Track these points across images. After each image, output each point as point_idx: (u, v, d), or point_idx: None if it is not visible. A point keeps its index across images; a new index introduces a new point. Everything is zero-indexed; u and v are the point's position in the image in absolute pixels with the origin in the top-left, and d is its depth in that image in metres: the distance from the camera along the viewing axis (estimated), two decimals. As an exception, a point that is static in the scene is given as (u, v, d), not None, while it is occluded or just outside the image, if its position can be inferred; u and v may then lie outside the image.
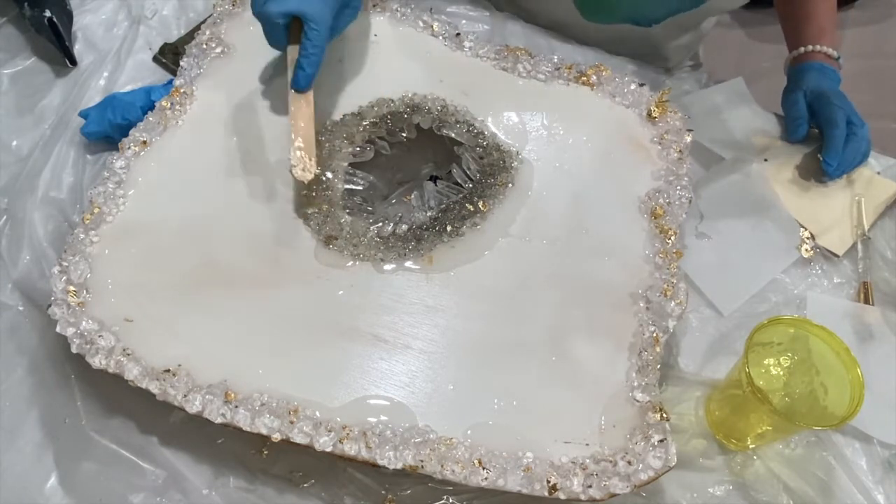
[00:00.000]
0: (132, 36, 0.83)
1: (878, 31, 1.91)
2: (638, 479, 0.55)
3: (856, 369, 0.58)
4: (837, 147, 0.80)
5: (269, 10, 0.63)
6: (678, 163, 0.71)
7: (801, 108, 0.83)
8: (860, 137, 0.81)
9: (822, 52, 0.86)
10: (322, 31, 0.64)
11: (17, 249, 0.68)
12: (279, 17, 0.63)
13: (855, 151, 0.81)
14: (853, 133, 0.81)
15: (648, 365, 0.60)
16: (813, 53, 0.86)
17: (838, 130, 0.80)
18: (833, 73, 0.85)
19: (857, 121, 0.82)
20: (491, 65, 0.76)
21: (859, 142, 0.81)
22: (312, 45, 0.64)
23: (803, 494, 0.63)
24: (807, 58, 0.86)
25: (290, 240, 0.64)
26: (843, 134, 0.80)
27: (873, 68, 1.80)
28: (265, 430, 0.54)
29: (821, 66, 0.85)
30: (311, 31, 0.64)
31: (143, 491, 0.59)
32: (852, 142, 0.80)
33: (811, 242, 0.77)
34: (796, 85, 0.85)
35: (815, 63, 0.86)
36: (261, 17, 0.64)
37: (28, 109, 0.77)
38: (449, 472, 0.54)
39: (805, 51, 0.86)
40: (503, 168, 0.69)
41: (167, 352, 0.57)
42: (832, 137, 0.80)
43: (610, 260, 0.66)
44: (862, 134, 0.81)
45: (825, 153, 0.80)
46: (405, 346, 0.60)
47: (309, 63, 0.64)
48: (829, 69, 0.85)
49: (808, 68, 0.85)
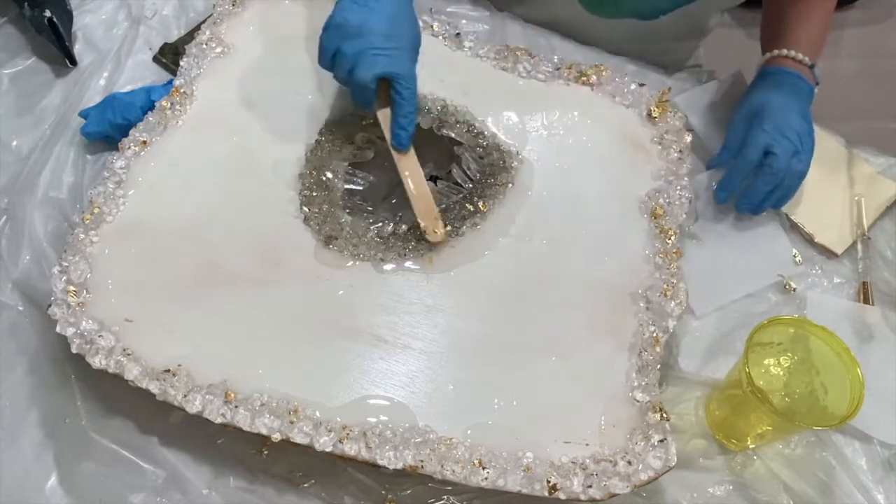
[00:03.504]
0: (132, 36, 0.83)
1: (878, 31, 1.91)
2: (638, 479, 0.55)
3: (856, 369, 0.58)
4: (732, 178, 0.72)
5: (360, 75, 0.61)
6: (678, 163, 0.71)
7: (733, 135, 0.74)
8: (774, 171, 0.70)
9: (790, 58, 0.75)
10: (413, 89, 0.64)
11: (17, 249, 0.68)
12: (372, 82, 0.62)
13: (762, 187, 0.71)
14: (767, 165, 0.70)
15: (648, 365, 0.60)
16: (779, 59, 0.76)
17: (742, 160, 0.71)
18: (795, 81, 0.74)
19: (785, 150, 0.70)
20: (491, 65, 0.76)
21: (771, 177, 0.70)
22: (408, 103, 0.63)
23: (803, 494, 0.63)
24: (772, 63, 0.77)
25: (290, 240, 0.64)
26: (749, 164, 0.71)
27: (873, 68, 1.80)
28: (265, 430, 0.54)
29: (780, 72, 0.75)
30: (403, 89, 0.63)
31: (143, 491, 0.59)
32: (761, 175, 0.71)
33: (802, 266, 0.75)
34: (744, 99, 0.76)
35: (774, 69, 0.76)
36: (351, 83, 0.63)
37: (28, 109, 0.77)
38: (449, 472, 0.54)
39: (770, 56, 0.77)
40: (503, 168, 0.69)
41: (167, 352, 0.57)
42: (732, 165, 0.72)
43: (610, 260, 0.66)
44: (782, 167, 0.70)
45: (719, 182, 0.74)
46: (405, 346, 0.60)
47: (408, 122, 0.64)
48: (791, 76, 0.74)
49: (764, 74, 0.76)
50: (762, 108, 0.73)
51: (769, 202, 0.73)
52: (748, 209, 0.73)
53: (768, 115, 0.72)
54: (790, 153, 0.71)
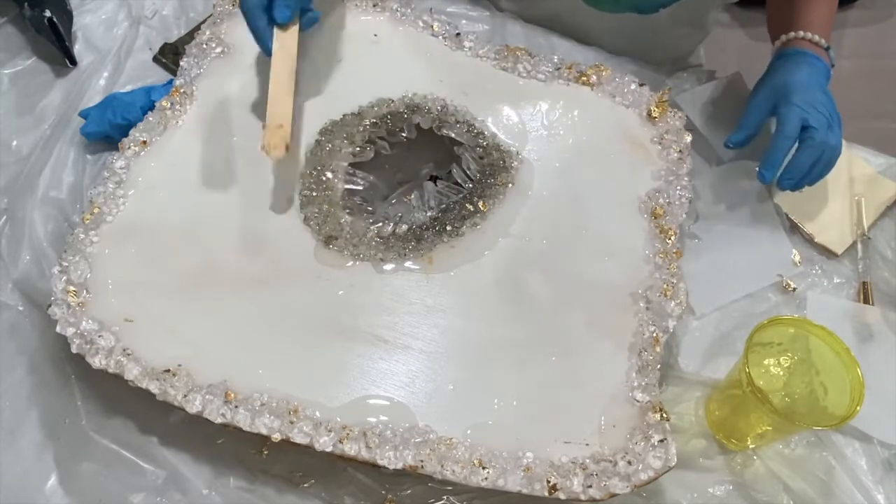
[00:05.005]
0: (132, 36, 0.83)
1: (878, 31, 1.91)
2: (638, 479, 0.55)
3: (856, 369, 0.58)
4: (775, 155, 0.71)
5: None
6: (678, 163, 0.71)
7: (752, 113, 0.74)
8: (816, 144, 0.70)
9: (806, 39, 0.75)
10: None
11: (17, 249, 0.68)
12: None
13: (805, 161, 0.70)
14: (808, 138, 0.70)
15: (648, 365, 0.60)
16: (795, 41, 0.75)
17: (782, 136, 0.70)
18: (814, 61, 0.74)
19: (820, 123, 0.70)
20: (491, 65, 0.76)
21: (813, 150, 0.70)
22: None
23: (803, 494, 0.63)
24: (788, 45, 0.76)
25: (290, 240, 0.64)
26: (790, 140, 0.70)
27: (873, 68, 1.80)
28: (265, 430, 0.55)
29: (799, 53, 0.74)
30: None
31: (143, 491, 0.59)
32: (803, 150, 0.70)
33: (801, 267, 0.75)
34: (764, 78, 0.76)
35: (791, 50, 0.75)
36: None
37: (28, 109, 0.77)
38: (449, 472, 0.54)
39: (787, 38, 0.76)
40: (503, 168, 0.69)
41: (167, 352, 0.57)
42: (773, 143, 0.71)
43: (610, 260, 0.66)
44: (821, 140, 0.70)
45: (762, 160, 0.72)
46: (405, 346, 0.60)
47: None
48: (810, 56, 0.74)
49: (783, 56, 0.75)
50: (786, 86, 0.72)
51: (810, 178, 0.72)
52: (791, 185, 0.72)
53: (795, 92, 0.71)
54: (826, 126, 0.70)
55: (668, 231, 0.67)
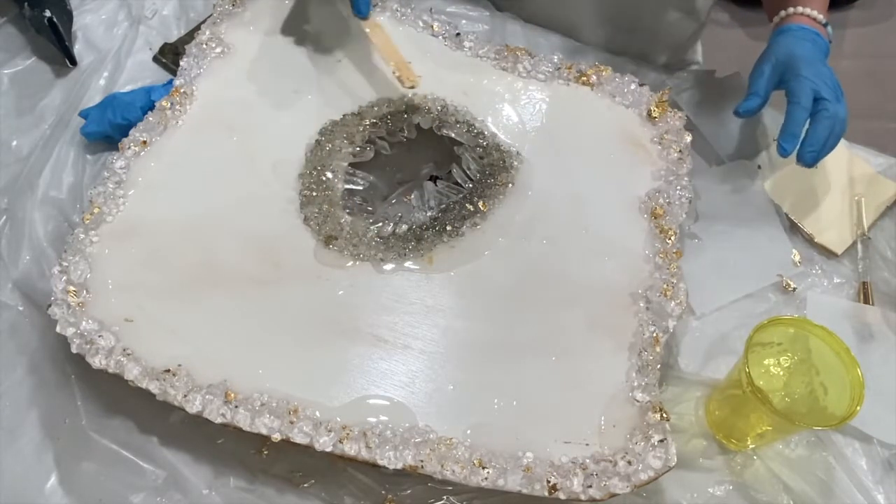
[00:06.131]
0: (132, 36, 0.83)
1: (878, 31, 1.91)
2: (638, 479, 0.55)
3: (856, 369, 0.58)
4: (794, 127, 0.70)
5: None
6: (678, 163, 0.71)
7: (761, 81, 0.74)
8: (830, 115, 0.70)
9: (804, 15, 0.75)
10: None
11: (17, 249, 0.68)
12: None
13: (822, 132, 0.70)
14: (822, 109, 0.70)
15: (648, 365, 0.60)
16: (794, 16, 0.76)
17: (798, 108, 0.70)
18: (815, 37, 0.74)
19: (830, 95, 0.71)
20: (491, 65, 0.76)
21: (828, 120, 0.70)
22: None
23: (803, 494, 0.63)
24: (788, 20, 0.77)
25: (290, 240, 0.64)
26: (806, 111, 0.70)
27: (873, 68, 1.80)
28: (265, 430, 0.55)
29: (800, 29, 0.75)
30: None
31: (143, 491, 0.59)
32: (819, 121, 0.70)
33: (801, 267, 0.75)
34: (767, 52, 0.76)
35: (792, 25, 0.75)
36: None
37: (28, 109, 0.77)
38: (449, 472, 0.54)
39: (786, 14, 0.77)
40: (503, 168, 0.69)
41: (167, 352, 0.57)
42: (790, 115, 0.71)
43: (610, 260, 0.66)
44: (834, 111, 0.70)
45: (780, 133, 0.71)
46: (405, 346, 0.60)
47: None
48: (810, 32, 0.75)
49: (784, 31, 0.76)
50: (791, 59, 0.73)
51: (825, 150, 0.72)
52: (812, 157, 0.71)
53: (803, 65, 0.72)
54: (835, 98, 0.71)
55: (668, 231, 0.67)
